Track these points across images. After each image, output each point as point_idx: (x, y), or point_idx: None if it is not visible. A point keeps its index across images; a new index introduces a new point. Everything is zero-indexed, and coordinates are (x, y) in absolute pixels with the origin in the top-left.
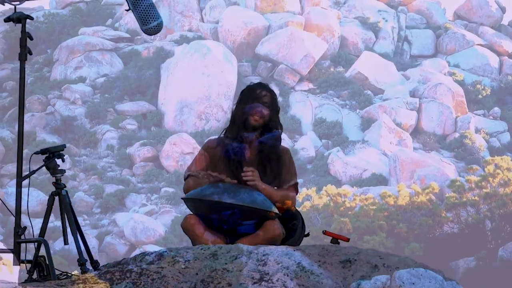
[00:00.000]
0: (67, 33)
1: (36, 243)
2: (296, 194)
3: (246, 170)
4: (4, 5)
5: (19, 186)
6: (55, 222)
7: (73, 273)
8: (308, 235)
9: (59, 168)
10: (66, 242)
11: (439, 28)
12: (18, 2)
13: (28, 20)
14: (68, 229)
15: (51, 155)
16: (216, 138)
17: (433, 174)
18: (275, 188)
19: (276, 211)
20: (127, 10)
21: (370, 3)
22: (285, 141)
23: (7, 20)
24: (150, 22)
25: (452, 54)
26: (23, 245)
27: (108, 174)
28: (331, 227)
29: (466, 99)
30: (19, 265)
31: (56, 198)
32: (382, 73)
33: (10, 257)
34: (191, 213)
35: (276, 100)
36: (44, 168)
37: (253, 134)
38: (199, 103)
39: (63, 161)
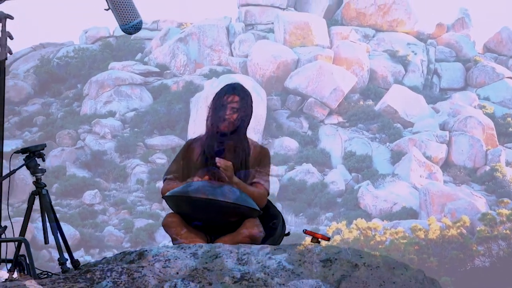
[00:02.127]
0: (97, 68)
1: (16, 242)
2: (267, 194)
3: (219, 161)
4: None
5: None
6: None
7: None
8: (288, 234)
9: (39, 167)
10: (46, 241)
11: (468, 61)
12: None
13: (58, 55)
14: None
15: (31, 154)
16: (194, 139)
17: (463, 207)
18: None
19: (258, 209)
20: (106, 10)
21: (399, 36)
22: (315, 175)
23: None
24: (129, 21)
25: (482, 87)
26: (3, 244)
27: (138, 209)
28: None
29: (497, 132)
30: None
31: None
32: (411, 106)
33: None
34: (172, 211)
35: (246, 101)
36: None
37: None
38: None
39: (43, 160)
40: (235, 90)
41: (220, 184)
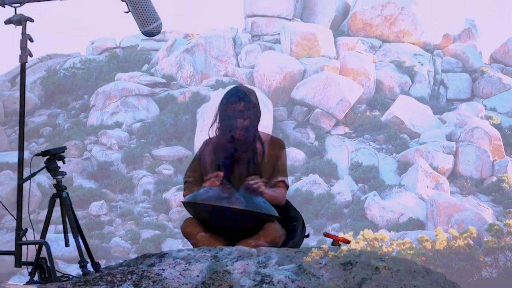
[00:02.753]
0: (103, 79)
1: (37, 245)
2: (287, 189)
3: (252, 179)
4: (4, 7)
5: (20, 189)
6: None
7: (74, 275)
8: (308, 236)
9: (59, 170)
10: (67, 244)
11: (475, 72)
12: (18, 4)
13: (65, 66)
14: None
15: (52, 157)
16: (211, 139)
17: (470, 218)
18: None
19: (276, 214)
20: (126, 12)
21: (405, 47)
22: (321, 186)
23: (8, 22)
24: (149, 23)
25: (488, 97)
26: (24, 247)
27: (144, 219)
28: None
29: (503, 142)
30: (20, 267)
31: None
32: (418, 117)
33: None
34: (191, 216)
35: (252, 103)
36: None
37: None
38: None
39: (63, 163)
40: (241, 97)
41: (235, 191)
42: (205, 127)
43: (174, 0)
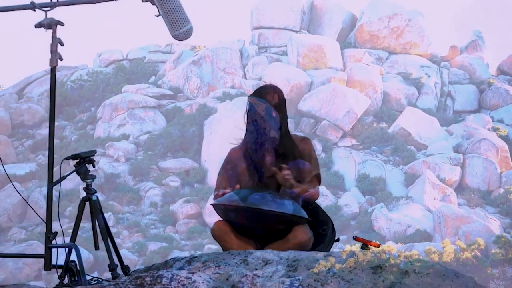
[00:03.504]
0: (110, 91)
1: (67, 248)
2: (319, 184)
3: (283, 168)
4: (35, 11)
5: (50, 192)
6: None
7: (103, 278)
8: (338, 240)
9: (89, 173)
10: (96, 247)
11: (482, 83)
12: (49, 8)
13: (72, 78)
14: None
15: (82, 160)
16: (235, 148)
17: (478, 230)
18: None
19: (306, 216)
20: (156, 16)
21: (412, 58)
22: (329, 197)
23: (38, 25)
24: (180, 27)
25: (495, 109)
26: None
27: (151, 231)
28: None
29: (511, 154)
30: (50, 270)
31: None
32: (425, 129)
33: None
34: (221, 219)
35: (277, 107)
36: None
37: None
38: None
39: (93, 166)
40: (266, 95)
41: (266, 193)
42: (212, 139)
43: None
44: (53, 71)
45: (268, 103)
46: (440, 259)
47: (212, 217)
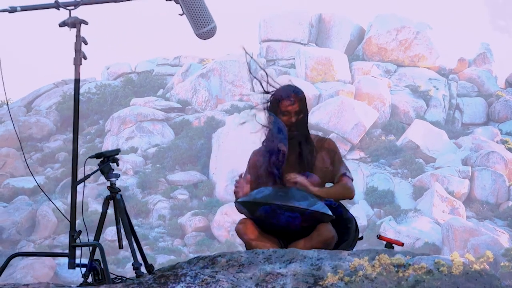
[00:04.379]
0: (118, 104)
1: (91, 247)
2: (351, 180)
3: (288, 176)
4: (59, 9)
5: (74, 190)
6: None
7: (127, 277)
8: (361, 238)
9: (113, 172)
10: (121, 246)
11: (490, 96)
12: (73, 7)
13: (80, 92)
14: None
15: (106, 159)
16: (258, 150)
17: (486, 243)
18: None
19: (331, 213)
20: (180, 15)
21: (420, 71)
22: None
23: (62, 24)
24: (204, 26)
25: (504, 122)
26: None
27: (159, 244)
28: None
29: None
30: (74, 268)
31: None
32: (433, 142)
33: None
34: (245, 217)
35: (299, 108)
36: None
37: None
38: None
39: (117, 165)
40: (292, 95)
41: (290, 190)
42: (220, 152)
43: (188, 25)
44: (77, 70)
45: (290, 104)
46: (449, 272)
47: (220, 231)
